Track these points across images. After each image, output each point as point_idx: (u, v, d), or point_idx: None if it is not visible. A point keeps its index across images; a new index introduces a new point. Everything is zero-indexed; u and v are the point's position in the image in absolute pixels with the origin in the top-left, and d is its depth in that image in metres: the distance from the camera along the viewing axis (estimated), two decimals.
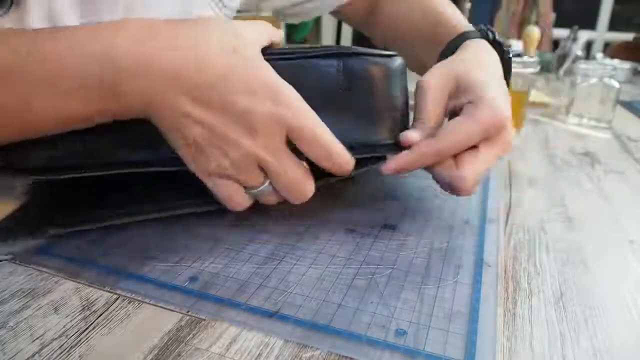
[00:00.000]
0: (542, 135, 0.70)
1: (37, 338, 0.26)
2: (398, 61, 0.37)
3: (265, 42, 0.33)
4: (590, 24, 2.51)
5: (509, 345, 0.27)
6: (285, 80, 0.32)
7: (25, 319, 0.27)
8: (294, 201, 0.34)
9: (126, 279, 0.31)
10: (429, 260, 0.34)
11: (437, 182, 0.37)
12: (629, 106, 0.90)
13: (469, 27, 0.46)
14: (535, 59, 0.66)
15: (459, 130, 0.35)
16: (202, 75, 0.29)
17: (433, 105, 0.37)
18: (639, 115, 0.84)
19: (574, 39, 1.27)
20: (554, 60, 1.27)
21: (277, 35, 0.34)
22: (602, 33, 2.53)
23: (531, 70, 0.65)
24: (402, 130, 0.36)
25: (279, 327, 0.27)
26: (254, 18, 0.40)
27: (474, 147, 0.36)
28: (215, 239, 0.36)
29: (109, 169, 0.33)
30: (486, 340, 0.27)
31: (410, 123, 0.38)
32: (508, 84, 0.42)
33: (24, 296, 0.29)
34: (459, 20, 0.48)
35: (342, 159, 0.33)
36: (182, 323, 0.27)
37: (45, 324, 0.27)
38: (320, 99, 0.34)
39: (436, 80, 0.38)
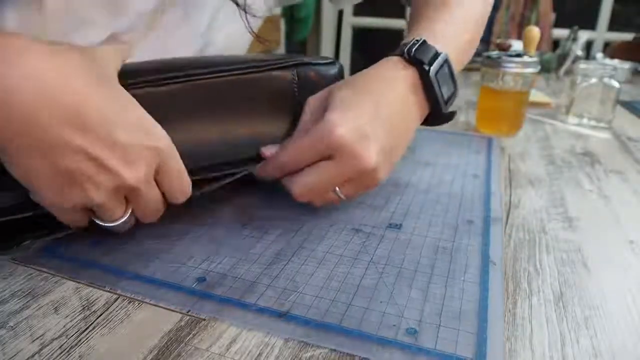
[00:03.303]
0: (542, 135, 0.70)
1: (37, 338, 0.26)
2: (337, 67, 0.42)
3: (119, 65, 0.34)
4: (590, 24, 2.51)
5: (509, 345, 0.27)
6: (233, 94, 0.36)
7: (25, 319, 0.27)
8: (148, 221, 0.35)
9: (126, 279, 0.31)
10: (436, 260, 0.34)
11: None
12: (629, 106, 0.90)
13: (416, 39, 0.41)
14: (535, 59, 0.66)
15: (292, 145, 0.36)
16: (81, 104, 0.28)
17: (303, 122, 0.38)
18: (639, 115, 0.84)
19: (574, 39, 1.27)
20: (554, 60, 1.28)
21: (130, 53, 0.35)
22: (602, 33, 2.53)
23: (531, 70, 0.65)
24: None
25: (289, 327, 0.27)
26: None
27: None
28: (221, 240, 0.36)
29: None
30: (496, 339, 0.27)
31: None
32: (437, 99, 0.40)
33: (24, 296, 0.29)
34: (424, 29, 0.45)
35: (187, 193, 0.35)
36: (182, 323, 0.27)
37: (45, 324, 0.27)
38: (271, 108, 0.39)
39: (317, 98, 0.39)
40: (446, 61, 0.41)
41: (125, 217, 0.32)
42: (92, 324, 0.27)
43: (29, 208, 0.31)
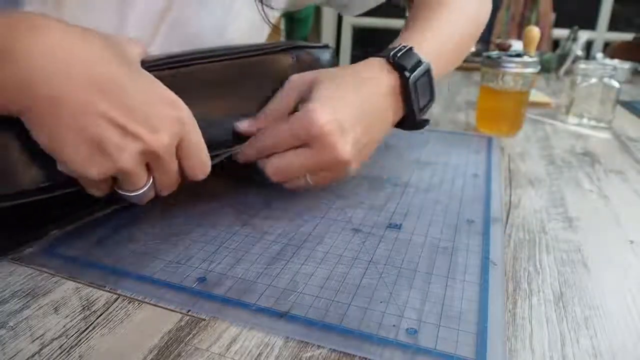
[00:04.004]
0: (542, 135, 0.70)
1: (37, 338, 0.26)
2: (330, 51, 0.45)
3: (140, 53, 0.35)
4: (590, 24, 2.51)
5: (509, 345, 0.27)
6: (237, 76, 0.38)
7: (25, 319, 0.27)
8: (165, 194, 0.35)
9: (126, 279, 0.31)
10: (436, 260, 0.34)
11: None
12: (629, 106, 0.90)
13: (403, 44, 0.43)
14: (535, 59, 0.66)
15: (272, 129, 0.38)
16: (102, 71, 0.29)
17: (279, 98, 0.40)
18: (639, 115, 0.84)
19: (574, 39, 1.27)
20: (554, 60, 1.28)
21: (144, 53, 0.36)
22: (602, 33, 2.53)
23: (531, 70, 0.65)
24: None
25: (289, 327, 0.27)
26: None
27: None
28: (221, 240, 0.36)
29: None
30: (496, 339, 0.27)
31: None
32: (412, 105, 0.42)
33: (24, 296, 0.29)
34: (415, 33, 0.47)
35: (206, 169, 0.35)
36: (182, 323, 0.27)
37: (45, 324, 0.27)
38: (273, 88, 0.40)
39: (295, 82, 0.40)
40: (428, 71, 0.43)
41: (147, 186, 0.33)
42: (92, 324, 0.27)
43: (62, 186, 0.32)
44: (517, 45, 1.25)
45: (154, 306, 0.29)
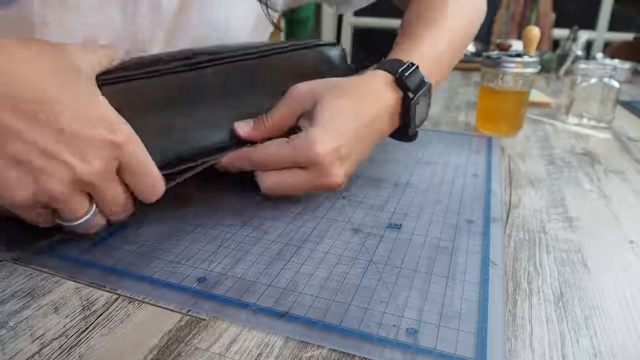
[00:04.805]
0: (542, 135, 0.70)
1: (37, 338, 0.26)
2: (339, 49, 0.46)
3: (104, 67, 0.34)
4: (590, 24, 2.52)
5: (509, 345, 0.27)
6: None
7: (25, 319, 0.27)
8: (117, 219, 0.34)
9: (126, 279, 0.31)
10: (436, 260, 0.34)
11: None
12: (629, 106, 0.90)
13: (402, 56, 0.45)
14: (535, 59, 0.66)
15: (272, 149, 0.38)
16: (30, 92, 0.28)
17: (281, 111, 0.40)
18: (639, 115, 0.84)
19: (574, 39, 1.27)
20: (554, 60, 1.28)
21: (115, 55, 0.35)
22: (602, 33, 2.53)
23: (531, 70, 0.65)
24: None
25: (289, 327, 0.27)
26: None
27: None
28: (221, 240, 0.36)
29: None
30: (496, 339, 0.27)
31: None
32: (409, 125, 0.43)
33: (24, 296, 0.29)
34: (411, 45, 0.48)
35: (157, 191, 0.33)
36: (182, 323, 0.27)
37: (45, 324, 0.27)
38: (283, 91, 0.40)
39: (299, 92, 0.40)
40: (429, 90, 0.44)
41: (89, 215, 0.31)
42: (92, 324, 0.27)
43: None
44: (517, 45, 1.25)
45: (154, 306, 0.29)
